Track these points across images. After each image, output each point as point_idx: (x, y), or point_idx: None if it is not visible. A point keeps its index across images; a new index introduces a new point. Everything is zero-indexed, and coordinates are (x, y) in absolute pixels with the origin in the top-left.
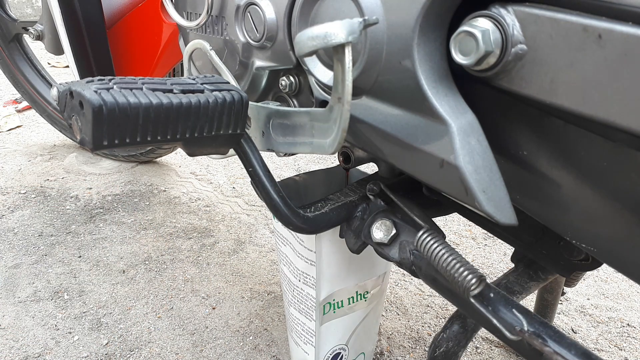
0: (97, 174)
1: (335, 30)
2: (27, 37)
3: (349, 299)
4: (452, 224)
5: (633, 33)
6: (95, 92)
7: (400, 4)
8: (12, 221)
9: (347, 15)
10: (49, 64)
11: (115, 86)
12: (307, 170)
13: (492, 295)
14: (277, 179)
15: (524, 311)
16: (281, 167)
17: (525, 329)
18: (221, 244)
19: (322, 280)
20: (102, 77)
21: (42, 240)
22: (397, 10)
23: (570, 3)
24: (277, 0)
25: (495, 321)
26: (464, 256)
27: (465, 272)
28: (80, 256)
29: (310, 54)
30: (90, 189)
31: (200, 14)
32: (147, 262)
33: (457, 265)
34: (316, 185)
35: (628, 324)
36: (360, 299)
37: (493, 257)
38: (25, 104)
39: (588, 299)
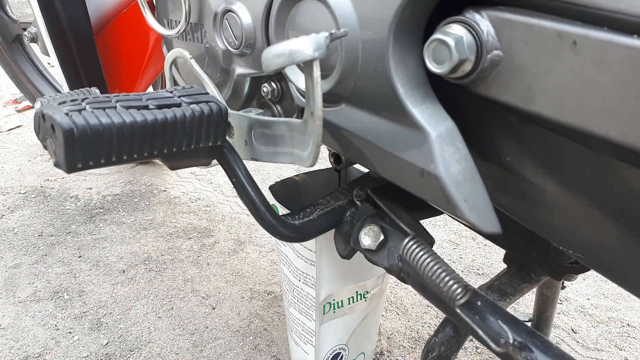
0: (97, 174)
1: (300, 47)
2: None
3: (349, 299)
4: (452, 224)
5: (609, 39)
6: (67, 114)
7: (373, 10)
8: (12, 221)
9: (321, 22)
10: (49, 63)
11: (88, 106)
12: (307, 170)
13: (479, 303)
14: (277, 179)
15: (511, 320)
16: (281, 167)
17: (511, 341)
18: (221, 244)
19: (322, 280)
20: (75, 97)
21: (42, 240)
22: (370, 17)
23: (545, 7)
24: (253, 7)
25: (480, 332)
26: (464, 256)
27: (451, 282)
28: (80, 256)
29: (278, 71)
30: (90, 189)
31: (179, 22)
32: (147, 262)
33: (443, 275)
34: (316, 185)
35: (628, 324)
36: (360, 299)
37: (493, 257)
38: (25, 104)
39: (588, 299)
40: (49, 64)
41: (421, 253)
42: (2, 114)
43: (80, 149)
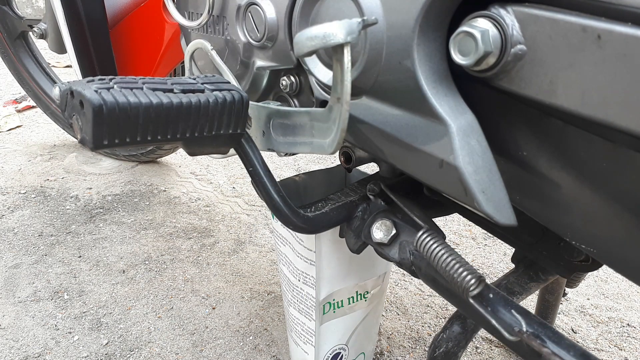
0: (97, 174)
1: (334, 30)
2: (31, 35)
3: (349, 298)
4: (452, 224)
5: (632, 34)
6: (96, 91)
7: (400, 4)
8: (12, 221)
9: (347, 15)
10: (49, 63)
11: (115, 86)
12: (307, 170)
13: (491, 295)
14: (277, 179)
15: (523, 312)
16: (281, 167)
17: (524, 329)
18: (221, 244)
19: (322, 280)
20: (103, 77)
21: (42, 240)
22: (397, 11)
23: (570, 3)
24: (277, 0)
25: (494, 322)
26: (463, 256)
27: (465, 273)
28: (80, 256)
29: (309, 54)
30: (90, 189)
31: (201, 14)
32: (147, 262)
33: (457, 266)
34: (316, 186)
35: (628, 324)
36: (360, 299)
37: (493, 257)
38: (25, 104)
39: (588, 299)
40: (49, 63)
41: (435, 245)
42: (2, 114)
43: (107, 126)
